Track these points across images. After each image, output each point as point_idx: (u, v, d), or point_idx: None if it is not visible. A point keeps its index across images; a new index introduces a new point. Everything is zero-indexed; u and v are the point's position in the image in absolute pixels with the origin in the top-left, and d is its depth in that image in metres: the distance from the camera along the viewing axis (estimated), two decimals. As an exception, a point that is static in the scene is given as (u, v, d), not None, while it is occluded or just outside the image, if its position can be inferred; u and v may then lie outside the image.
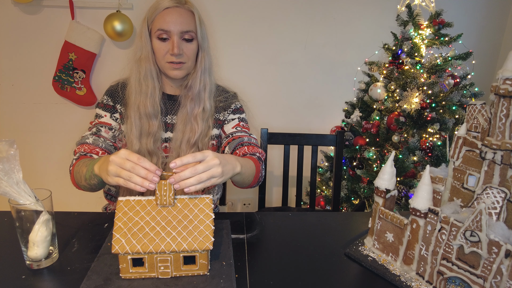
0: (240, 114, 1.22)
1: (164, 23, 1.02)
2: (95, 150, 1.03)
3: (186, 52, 1.05)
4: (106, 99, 1.12)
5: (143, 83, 1.06)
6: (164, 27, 1.02)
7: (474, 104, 0.68)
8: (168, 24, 1.01)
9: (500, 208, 0.63)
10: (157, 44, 1.04)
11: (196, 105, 1.10)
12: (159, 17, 1.03)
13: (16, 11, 1.98)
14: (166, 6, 1.02)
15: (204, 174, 0.74)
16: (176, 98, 1.15)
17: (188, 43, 1.05)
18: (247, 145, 1.12)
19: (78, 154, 1.02)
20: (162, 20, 1.02)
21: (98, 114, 1.12)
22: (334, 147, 1.59)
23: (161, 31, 1.02)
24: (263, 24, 2.16)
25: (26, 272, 0.73)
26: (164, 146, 1.13)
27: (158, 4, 1.04)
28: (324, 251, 0.85)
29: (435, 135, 1.67)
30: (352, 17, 2.21)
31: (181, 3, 1.04)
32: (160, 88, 1.10)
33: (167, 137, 1.14)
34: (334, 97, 2.32)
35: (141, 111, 1.06)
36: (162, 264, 0.70)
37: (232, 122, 1.19)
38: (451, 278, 0.68)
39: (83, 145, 1.04)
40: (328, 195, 2.02)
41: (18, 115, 2.16)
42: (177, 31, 1.02)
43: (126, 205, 0.73)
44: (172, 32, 1.02)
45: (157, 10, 1.03)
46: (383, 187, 0.80)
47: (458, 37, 1.74)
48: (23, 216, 0.71)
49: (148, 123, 1.07)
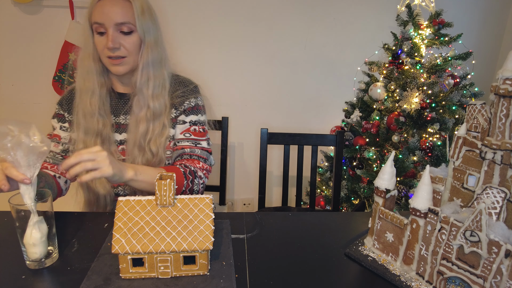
0: (195, 115, 1.09)
1: (98, 15, 0.95)
2: (44, 166, 1.02)
3: (125, 45, 0.98)
4: (58, 109, 1.08)
5: (86, 80, 1.00)
6: (98, 20, 0.95)
7: (474, 104, 0.68)
8: (102, 16, 0.95)
9: (500, 208, 0.63)
10: (96, 39, 0.98)
11: (142, 105, 1.02)
12: (95, 10, 0.96)
13: (16, 11, 1.98)
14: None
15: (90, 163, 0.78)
16: (127, 96, 1.08)
17: (126, 35, 0.97)
18: (187, 158, 1.06)
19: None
20: (97, 12, 0.96)
21: (52, 125, 1.09)
22: (334, 147, 1.59)
23: (97, 24, 0.96)
24: (263, 24, 2.16)
25: (26, 272, 0.73)
26: (121, 148, 1.07)
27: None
28: (324, 251, 0.85)
29: (435, 135, 1.67)
30: (352, 17, 2.21)
31: None
32: (106, 85, 1.04)
33: (122, 139, 1.07)
34: (334, 97, 2.32)
35: (85, 110, 1.00)
36: (162, 264, 0.70)
37: (182, 126, 1.08)
38: (451, 278, 0.68)
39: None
40: (328, 195, 2.02)
41: (18, 115, 2.16)
42: (111, 23, 0.95)
43: (126, 205, 0.73)
44: (106, 25, 0.95)
45: (92, 2, 0.97)
46: (383, 187, 0.80)
47: (458, 37, 1.74)
48: (23, 216, 0.71)
49: (93, 121, 1.00)
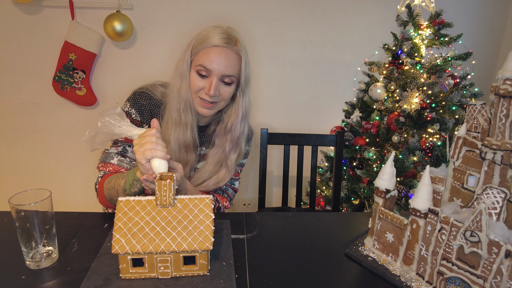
0: (243, 159, 1.21)
1: (208, 61, 0.96)
2: (120, 172, 1.01)
3: (222, 94, 1.01)
4: (135, 114, 1.04)
5: (183, 114, 1.02)
6: (207, 65, 0.96)
7: (474, 104, 0.68)
8: (212, 63, 0.96)
9: (500, 208, 0.63)
10: (194, 78, 0.99)
11: (233, 150, 1.10)
12: (205, 53, 0.96)
13: (16, 11, 1.98)
14: (214, 44, 0.96)
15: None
16: (204, 129, 1.13)
17: (226, 86, 1.00)
18: (219, 193, 1.20)
19: (103, 172, 1.01)
20: (207, 57, 0.96)
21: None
22: (334, 147, 1.59)
23: (202, 67, 0.96)
24: (263, 24, 2.16)
25: (26, 272, 0.73)
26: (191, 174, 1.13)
27: (208, 38, 0.97)
28: (324, 251, 0.85)
29: (435, 135, 1.67)
30: (352, 17, 2.21)
31: (230, 43, 0.98)
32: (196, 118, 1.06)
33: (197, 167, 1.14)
34: (334, 97, 2.32)
35: (180, 142, 1.03)
36: (162, 264, 0.70)
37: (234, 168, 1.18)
38: (451, 278, 0.68)
39: (107, 164, 1.02)
40: (328, 195, 2.02)
41: (18, 115, 2.16)
42: (219, 73, 0.97)
43: (126, 205, 0.73)
44: (213, 73, 0.96)
45: (205, 44, 0.97)
46: (383, 187, 0.80)
47: (458, 37, 1.74)
48: (23, 216, 0.71)
49: (186, 155, 1.06)
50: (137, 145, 0.81)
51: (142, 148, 0.80)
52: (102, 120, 0.83)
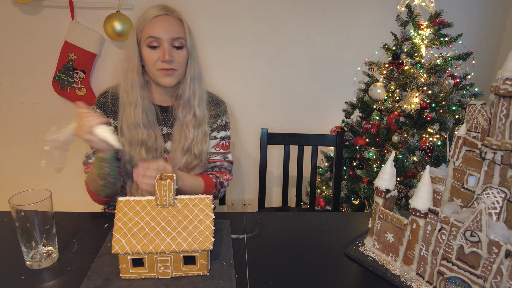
0: (225, 131, 1.23)
1: (154, 30, 1.01)
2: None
3: (177, 59, 1.05)
4: (100, 112, 1.11)
5: (130, 93, 1.06)
6: (154, 34, 1.01)
7: (474, 104, 0.68)
8: (158, 31, 1.01)
9: (500, 208, 0.63)
10: (147, 52, 1.04)
11: (187, 112, 1.11)
12: (149, 25, 1.02)
13: (16, 11, 1.98)
14: (155, 15, 1.03)
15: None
16: (169, 109, 1.15)
17: (178, 50, 1.05)
18: (217, 170, 1.21)
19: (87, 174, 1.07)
20: (152, 27, 1.02)
21: None
22: (334, 147, 1.59)
23: (151, 38, 1.02)
24: (263, 24, 2.16)
25: (26, 272, 0.73)
26: (164, 156, 1.14)
27: (147, 13, 1.04)
28: (324, 251, 0.85)
29: (435, 135, 1.67)
30: (352, 17, 2.21)
31: (169, 11, 1.05)
32: (148, 98, 1.09)
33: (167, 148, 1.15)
34: (334, 97, 2.32)
35: (129, 121, 1.06)
36: (162, 264, 0.70)
37: (214, 141, 1.21)
38: (451, 278, 0.68)
39: (88, 165, 1.09)
40: (328, 195, 2.02)
41: (18, 115, 2.16)
42: (167, 38, 1.02)
43: (126, 205, 0.73)
44: (162, 39, 1.02)
45: (146, 19, 1.03)
46: (383, 187, 0.80)
47: (458, 37, 1.74)
48: (23, 216, 0.71)
49: (138, 132, 1.07)
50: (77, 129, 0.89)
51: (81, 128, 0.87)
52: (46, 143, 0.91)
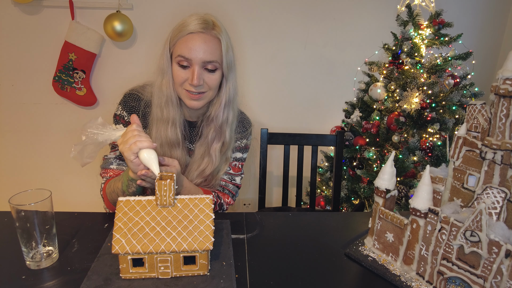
0: (241, 153, 1.18)
1: (186, 50, 0.93)
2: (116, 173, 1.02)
3: (208, 82, 0.97)
4: (127, 116, 1.05)
5: (165, 110, 1.00)
6: (185, 55, 0.93)
7: (474, 104, 0.68)
8: (190, 51, 0.92)
9: (500, 208, 0.63)
10: (176, 70, 0.96)
11: (217, 138, 1.06)
12: (182, 42, 0.94)
13: (16, 11, 1.98)
14: (190, 31, 0.93)
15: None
16: (195, 125, 1.10)
17: (210, 73, 0.97)
18: (220, 190, 1.15)
19: (105, 178, 1.03)
20: (185, 46, 0.93)
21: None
22: (334, 147, 1.59)
23: (181, 58, 0.94)
24: (263, 24, 2.16)
25: (26, 272, 0.73)
26: None
27: (183, 26, 0.94)
28: (324, 251, 0.85)
29: (435, 135, 1.67)
30: (352, 17, 2.21)
31: (208, 28, 0.95)
32: (182, 114, 1.04)
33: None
34: (334, 97, 2.32)
35: (163, 139, 1.01)
36: (162, 264, 0.70)
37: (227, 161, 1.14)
38: (451, 278, 0.68)
39: (107, 170, 1.03)
40: (328, 195, 2.02)
41: (18, 115, 2.16)
42: (199, 60, 0.93)
43: (126, 205, 0.73)
44: (193, 61, 0.93)
45: (181, 33, 0.94)
46: (383, 187, 0.80)
47: (458, 37, 1.74)
48: (23, 216, 0.71)
49: (170, 151, 1.03)
50: (121, 143, 0.81)
51: (127, 145, 0.79)
52: (85, 133, 0.83)
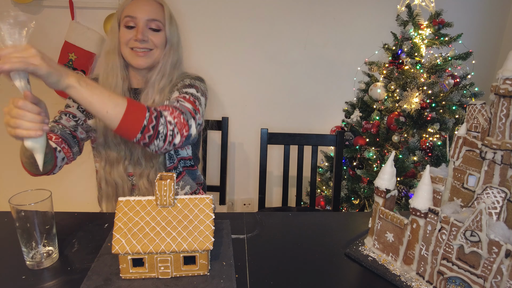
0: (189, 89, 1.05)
1: (131, 10, 1.04)
2: (48, 135, 1.01)
3: (153, 39, 1.05)
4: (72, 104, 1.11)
5: (110, 75, 1.06)
6: (130, 13, 1.03)
7: (474, 104, 0.68)
8: (134, 10, 1.03)
9: (500, 208, 0.63)
10: (123, 32, 1.05)
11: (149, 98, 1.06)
12: (128, 6, 1.05)
13: (16, 11, 1.98)
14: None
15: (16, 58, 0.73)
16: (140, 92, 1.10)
17: (154, 32, 1.05)
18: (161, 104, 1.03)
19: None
20: (130, 7, 1.05)
21: (67, 104, 1.12)
22: (334, 147, 1.59)
23: (128, 17, 1.04)
24: (263, 24, 2.16)
25: (26, 272, 0.73)
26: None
27: None
28: (324, 251, 0.85)
29: (435, 135, 1.67)
30: (352, 17, 2.21)
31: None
32: (126, 79, 1.09)
33: None
34: (334, 97, 2.32)
35: None
36: (162, 264, 0.70)
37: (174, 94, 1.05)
38: (451, 278, 0.68)
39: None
40: (328, 195, 2.02)
41: (18, 115, 2.16)
42: (143, 18, 1.03)
43: (126, 205, 0.73)
44: (138, 19, 1.03)
45: (127, 1, 1.06)
46: (383, 187, 0.80)
47: (458, 37, 1.74)
48: (23, 216, 0.71)
49: None
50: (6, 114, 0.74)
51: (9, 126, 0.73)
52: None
